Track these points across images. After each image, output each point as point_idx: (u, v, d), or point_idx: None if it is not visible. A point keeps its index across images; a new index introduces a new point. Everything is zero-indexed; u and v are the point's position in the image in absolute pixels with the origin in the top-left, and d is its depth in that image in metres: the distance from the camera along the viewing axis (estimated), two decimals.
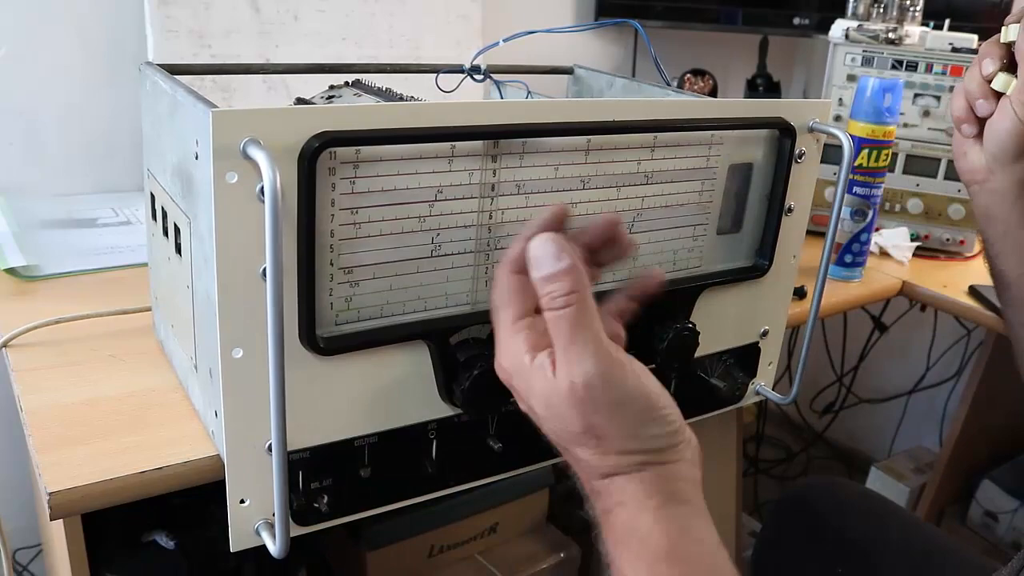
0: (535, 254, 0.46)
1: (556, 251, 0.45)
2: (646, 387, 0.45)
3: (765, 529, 0.96)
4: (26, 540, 1.17)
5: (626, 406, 0.44)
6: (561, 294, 0.44)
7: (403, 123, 0.50)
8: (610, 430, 0.44)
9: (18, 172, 1.07)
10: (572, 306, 0.44)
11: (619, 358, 0.45)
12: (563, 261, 0.45)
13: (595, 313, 0.45)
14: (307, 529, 0.55)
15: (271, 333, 0.45)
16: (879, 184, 1.03)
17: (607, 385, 0.44)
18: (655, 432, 0.45)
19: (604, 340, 0.45)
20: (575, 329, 0.44)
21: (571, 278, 0.45)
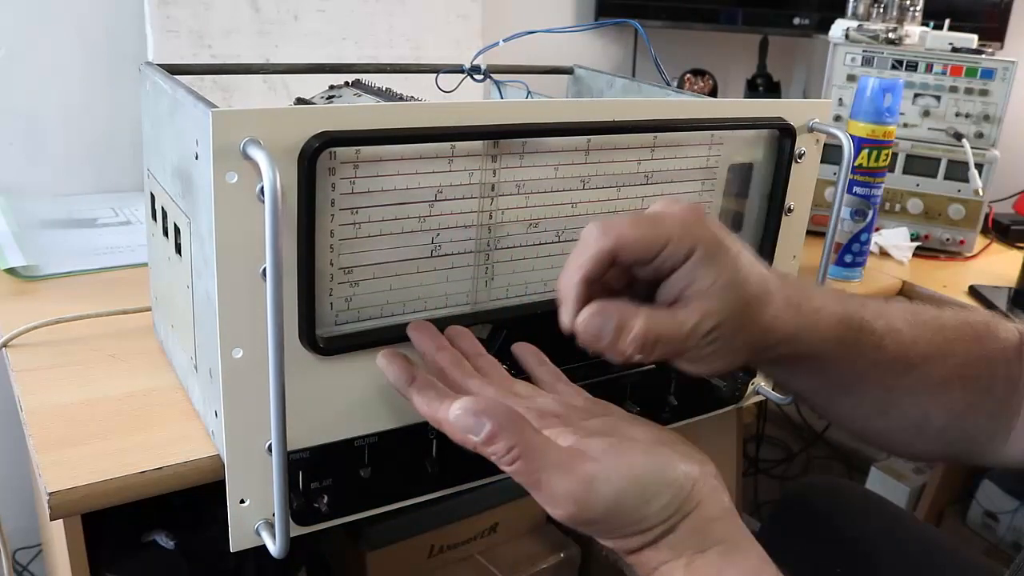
0: (458, 426, 0.43)
1: (472, 422, 0.43)
2: (630, 477, 0.43)
3: (765, 529, 0.96)
4: (26, 540, 1.17)
5: (618, 509, 0.43)
6: (500, 455, 0.42)
7: (403, 123, 0.50)
8: (615, 529, 0.44)
9: (18, 172, 1.07)
10: (517, 461, 0.42)
11: (587, 473, 0.42)
12: (484, 428, 0.42)
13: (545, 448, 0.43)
14: (307, 529, 0.55)
15: (271, 333, 0.45)
16: (879, 184, 1.03)
17: (587, 508, 0.43)
18: (660, 505, 0.43)
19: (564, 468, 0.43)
20: (530, 480, 0.43)
21: (502, 437, 0.42)
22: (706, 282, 0.46)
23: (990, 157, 1.18)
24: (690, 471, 0.44)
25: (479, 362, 0.53)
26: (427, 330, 0.53)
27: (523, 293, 0.60)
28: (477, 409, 0.43)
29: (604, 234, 0.45)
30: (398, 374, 0.49)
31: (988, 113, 1.19)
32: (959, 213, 1.19)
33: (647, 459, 0.44)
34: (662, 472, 0.43)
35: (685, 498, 0.43)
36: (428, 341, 0.53)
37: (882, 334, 0.55)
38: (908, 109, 1.21)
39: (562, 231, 0.60)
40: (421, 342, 0.53)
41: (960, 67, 1.19)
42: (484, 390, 0.50)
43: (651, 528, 0.43)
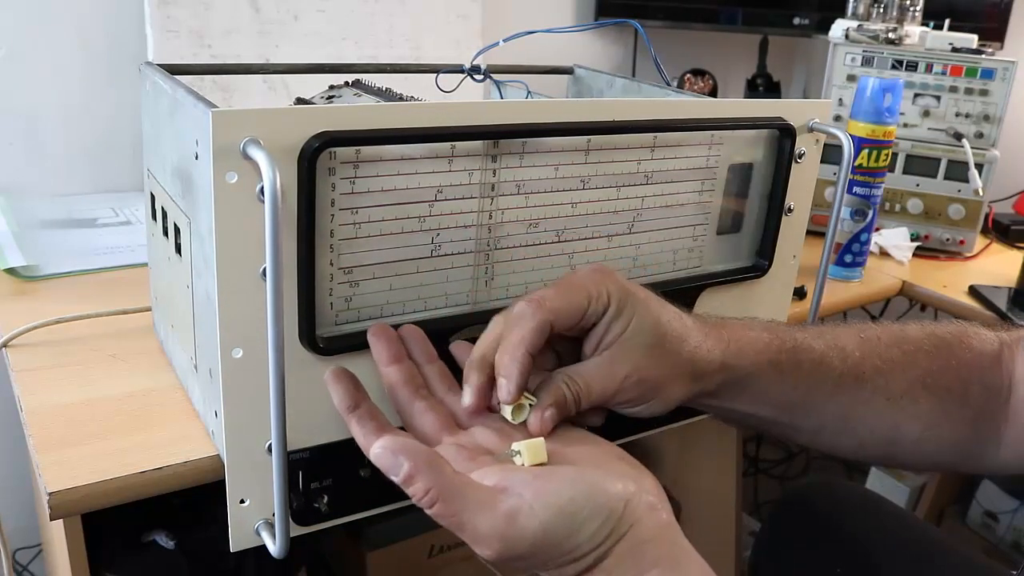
0: (378, 464, 0.44)
1: (391, 462, 0.43)
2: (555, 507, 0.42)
3: (765, 529, 0.96)
4: (26, 540, 1.17)
5: (546, 541, 0.42)
6: (419, 497, 0.43)
7: (403, 123, 0.50)
8: (547, 561, 0.43)
9: (18, 172, 1.07)
10: (436, 504, 0.42)
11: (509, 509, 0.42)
12: (402, 469, 0.43)
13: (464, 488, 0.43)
14: (307, 529, 0.55)
15: (271, 333, 0.45)
16: (879, 184, 1.03)
17: (512, 545, 0.42)
18: (591, 531, 0.42)
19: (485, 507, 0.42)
20: (452, 522, 0.43)
21: (419, 479, 0.42)
22: (616, 332, 0.50)
23: (990, 157, 1.18)
24: (622, 491, 0.43)
25: (428, 371, 0.53)
26: (384, 338, 0.52)
27: (523, 293, 0.60)
28: (396, 448, 0.43)
29: (539, 308, 0.48)
30: (341, 398, 0.49)
31: (988, 113, 1.19)
32: (959, 213, 1.19)
33: (574, 485, 0.43)
34: (590, 497, 0.43)
35: (618, 520, 0.43)
36: (383, 351, 0.52)
37: (823, 352, 0.56)
38: (908, 109, 1.21)
39: (562, 231, 0.60)
40: (376, 351, 0.52)
41: (960, 67, 1.19)
42: (424, 418, 0.50)
43: (584, 555, 0.43)
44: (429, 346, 0.54)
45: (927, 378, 0.58)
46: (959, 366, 0.59)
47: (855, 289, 1.05)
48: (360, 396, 0.49)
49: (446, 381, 0.53)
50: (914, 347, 0.58)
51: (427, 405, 0.50)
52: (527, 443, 0.46)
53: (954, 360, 0.59)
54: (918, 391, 0.57)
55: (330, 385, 0.49)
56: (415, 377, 0.52)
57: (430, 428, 0.49)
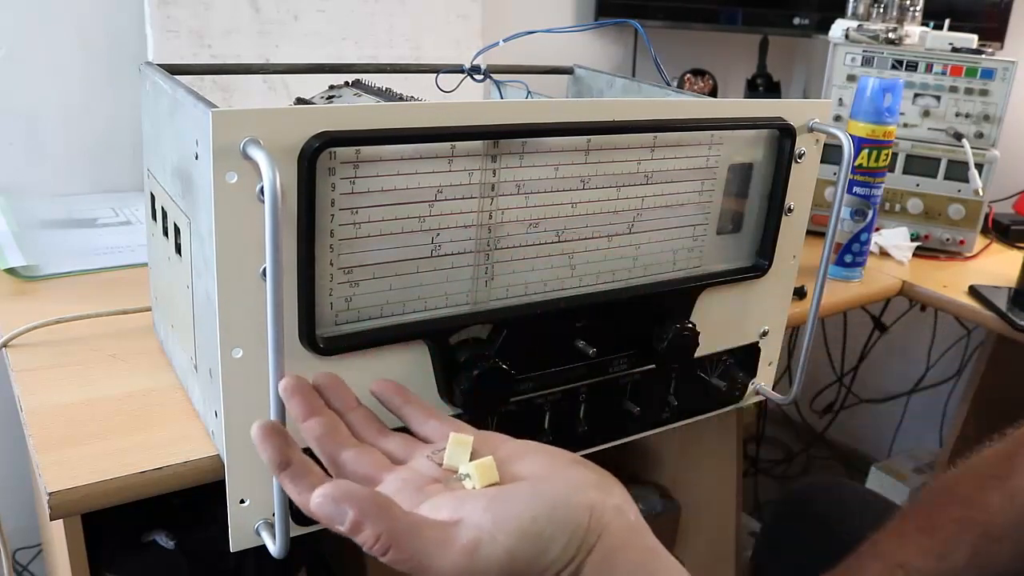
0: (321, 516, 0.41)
1: (334, 511, 0.40)
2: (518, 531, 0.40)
3: (765, 529, 0.96)
4: (26, 540, 1.17)
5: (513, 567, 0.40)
6: (371, 544, 0.40)
7: (403, 123, 0.50)
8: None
9: (18, 172, 1.07)
10: (389, 549, 0.39)
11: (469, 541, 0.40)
12: (347, 517, 0.39)
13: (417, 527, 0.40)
14: (307, 529, 0.55)
15: (271, 333, 0.45)
16: (879, 184, 1.03)
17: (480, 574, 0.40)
18: (559, 548, 0.40)
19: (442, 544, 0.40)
20: (409, 565, 0.40)
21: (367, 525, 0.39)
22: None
23: (990, 157, 1.18)
24: (584, 500, 0.42)
25: (351, 418, 0.50)
26: (300, 392, 0.47)
27: (523, 293, 0.60)
28: (337, 496, 0.40)
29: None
30: (271, 456, 0.43)
31: (988, 113, 1.19)
32: (959, 213, 1.19)
33: (534, 504, 0.41)
34: (552, 513, 0.41)
35: (585, 532, 0.41)
36: (298, 407, 0.47)
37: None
38: (908, 109, 1.21)
39: (562, 231, 0.60)
40: (292, 408, 0.47)
41: (960, 67, 1.19)
42: (358, 462, 0.46)
43: (559, 571, 0.41)
44: (349, 392, 0.51)
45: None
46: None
47: (855, 289, 1.05)
48: (291, 452, 0.44)
49: (374, 425, 0.50)
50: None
51: (358, 451, 0.47)
52: (475, 464, 0.44)
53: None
54: None
55: (257, 443, 0.44)
56: (338, 426, 0.48)
57: (368, 469, 0.46)
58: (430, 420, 0.50)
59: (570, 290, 0.62)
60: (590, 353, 0.62)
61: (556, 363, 0.62)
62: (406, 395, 0.52)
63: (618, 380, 0.67)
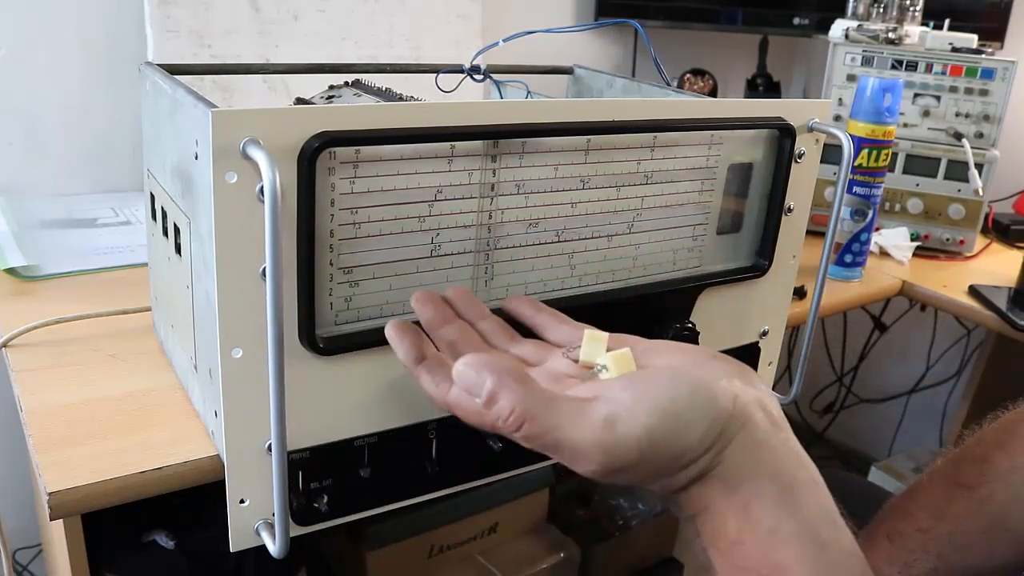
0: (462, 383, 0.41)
1: (474, 379, 0.40)
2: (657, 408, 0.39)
3: None
4: (26, 540, 1.17)
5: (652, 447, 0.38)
6: (506, 415, 0.39)
7: (403, 123, 0.50)
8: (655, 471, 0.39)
9: (18, 172, 1.07)
10: (524, 423, 0.39)
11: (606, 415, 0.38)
12: (484, 384, 0.39)
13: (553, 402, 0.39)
14: (307, 529, 0.55)
15: (271, 333, 0.45)
16: (879, 184, 1.03)
17: (617, 455, 0.38)
18: (700, 432, 0.38)
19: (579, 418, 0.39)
20: (546, 441, 0.39)
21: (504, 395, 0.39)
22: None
23: (990, 157, 1.18)
24: (728, 387, 0.40)
25: (483, 327, 0.50)
26: (431, 302, 0.50)
27: (523, 293, 0.60)
28: (478, 364, 0.40)
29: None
30: (408, 350, 0.45)
31: (988, 113, 1.19)
32: (959, 213, 1.19)
33: (674, 384, 0.39)
34: (694, 395, 0.39)
35: (728, 419, 0.39)
36: (433, 314, 0.49)
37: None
38: (908, 109, 1.21)
39: (562, 231, 0.60)
40: (425, 315, 0.49)
41: (960, 67, 1.19)
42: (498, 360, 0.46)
43: (694, 461, 0.39)
44: (479, 304, 0.51)
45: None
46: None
47: (855, 289, 1.05)
48: (426, 347, 0.45)
49: (506, 333, 0.50)
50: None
51: (492, 353, 0.47)
52: (612, 355, 0.43)
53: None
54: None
55: (393, 340, 0.45)
56: (471, 333, 0.49)
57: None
58: (562, 326, 0.50)
59: (570, 290, 0.62)
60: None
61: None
62: (537, 305, 0.52)
63: None
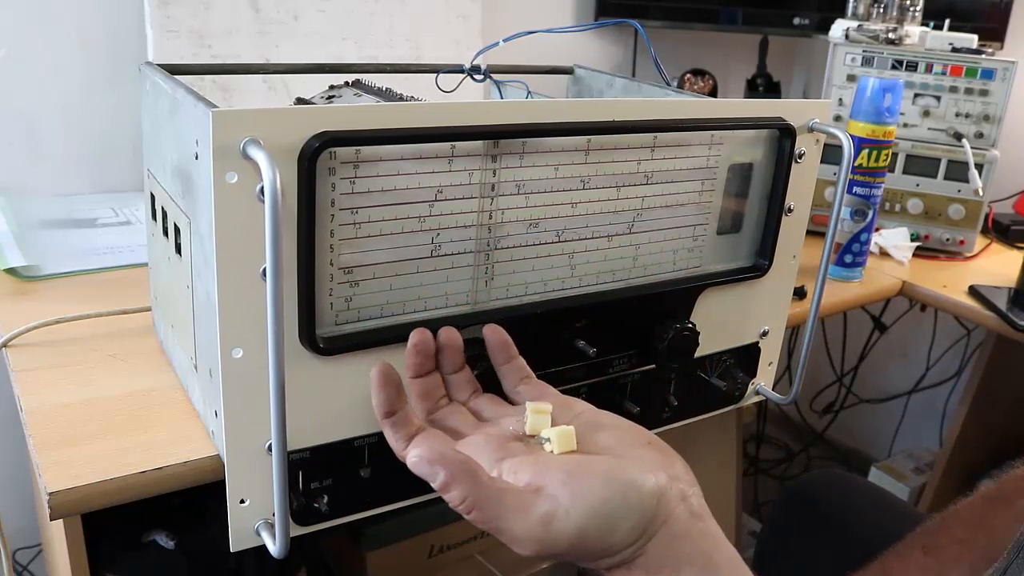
0: (415, 471, 0.45)
1: (428, 471, 0.45)
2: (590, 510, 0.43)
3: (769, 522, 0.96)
4: (26, 540, 1.17)
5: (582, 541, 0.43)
6: (457, 503, 0.44)
7: (403, 123, 0.50)
8: (583, 558, 0.44)
9: (18, 172, 1.07)
10: (473, 510, 0.43)
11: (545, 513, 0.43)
12: (438, 477, 0.44)
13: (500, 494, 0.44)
14: (307, 529, 0.55)
15: (271, 333, 0.45)
16: (879, 184, 1.03)
17: (550, 546, 0.43)
18: (626, 530, 0.43)
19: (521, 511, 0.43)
20: (489, 527, 0.44)
21: (455, 487, 0.43)
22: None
23: (990, 157, 1.18)
24: (654, 487, 0.44)
25: (453, 380, 0.54)
26: (422, 352, 0.53)
27: (523, 293, 0.60)
28: (431, 458, 0.45)
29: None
30: (380, 404, 0.49)
31: (988, 113, 1.19)
32: (959, 213, 1.19)
33: (608, 485, 0.44)
34: (624, 497, 0.43)
35: (651, 518, 0.43)
36: (415, 362, 0.52)
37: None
38: (908, 109, 1.21)
39: (562, 231, 0.60)
40: (409, 359, 0.53)
41: (960, 67, 1.19)
42: (449, 419, 0.52)
43: (619, 552, 0.44)
44: (460, 358, 0.54)
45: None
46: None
47: (855, 289, 1.05)
48: (398, 402, 0.49)
49: (469, 387, 0.55)
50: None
51: (450, 409, 0.53)
52: (556, 431, 0.47)
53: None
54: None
55: (373, 387, 0.49)
56: (438, 388, 0.53)
57: (456, 424, 0.51)
58: (519, 385, 0.54)
59: (570, 290, 0.62)
60: (590, 353, 0.62)
61: (556, 363, 0.62)
62: (508, 353, 0.55)
63: (618, 380, 0.67)
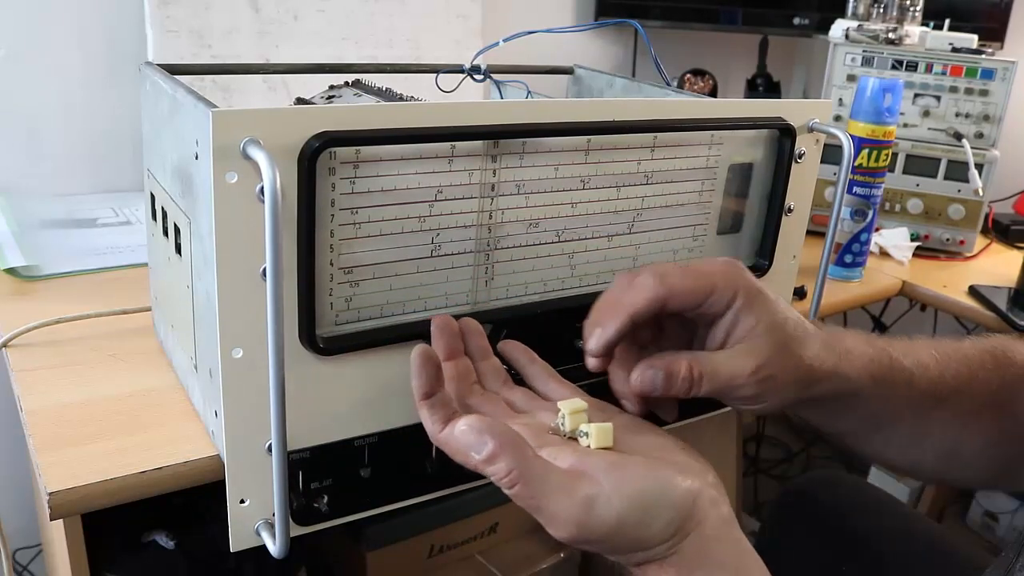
0: (464, 441, 0.45)
1: (476, 440, 0.44)
2: (631, 497, 0.43)
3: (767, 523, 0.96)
4: (26, 540, 1.17)
5: (619, 529, 0.43)
6: (500, 477, 0.43)
7: (403, 123, 0.50)
8: (618, 548, 0.44)
9: (18, 172, 1.07)
10: (517, 484, 0.43)
11: (587, 495, 0.43)
12: (486, 448, 0.43)
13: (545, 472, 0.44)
14: (307, 529, 0.55)
15: (271, 333, 0.45)
16: (879, 184, 1.03)
17: (588, 530, 0.43)
18: (662, 524, 0.43)
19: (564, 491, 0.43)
20: (531, 503, 0.44)
21: (502, 459, 0.43)
22: (748, 325, 0.51)
23: (990, 157, 1.18)
24: (691, 487, 0.44)
25: (482, 367, 0.54)
26: (448, 333, 0.53)
27: (523, 293, 0.60)
28: (481, 427, 0.44)
29: (660, 283, 0.49)
30: (421, 385, 0.48)
31: (988, 113, 1.19)
32: (959, 213, 1.19)
33: (648, 478, 0.44)
34: (663, 492, 0.44)
35: (686, 517, 0.44)
36: (446, 345, 0.53)
37: (911, 370, 0.56)
38: (908, 109, 1.21)
39: (562, 231, 0.60)
40: (436, 343, 0.53)
41: (960, 67, 1.19)
42: (484, 406, 0.51)
43: (653, 547, 0.44)
44: (486, 343, 0.55)
45: (989, 397, 0.58)
46: (1009, 383, 0.59)
47: (855, 289, 1.05)
48: (437, 384, 0.48)
49: (500, 377, 0.54)
50: (977, 365, 0.59)
51: (484, 396, 0.52)
52: (596, 427, 0.47)
53: (1004, 377, 0.59)
54: (983, 410, 0.58)
55: (414, 366, 0.48)
56: (470, 373, 0.53)
57: (492, 414, 0.50)
58: (550, 382, 0.54)
59: (570, 290, 0.62)
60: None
61: (556, 363, 0.62)
62: (531, 355, 0.55)
63: None
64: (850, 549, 0.80)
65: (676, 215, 0.65)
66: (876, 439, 0.58)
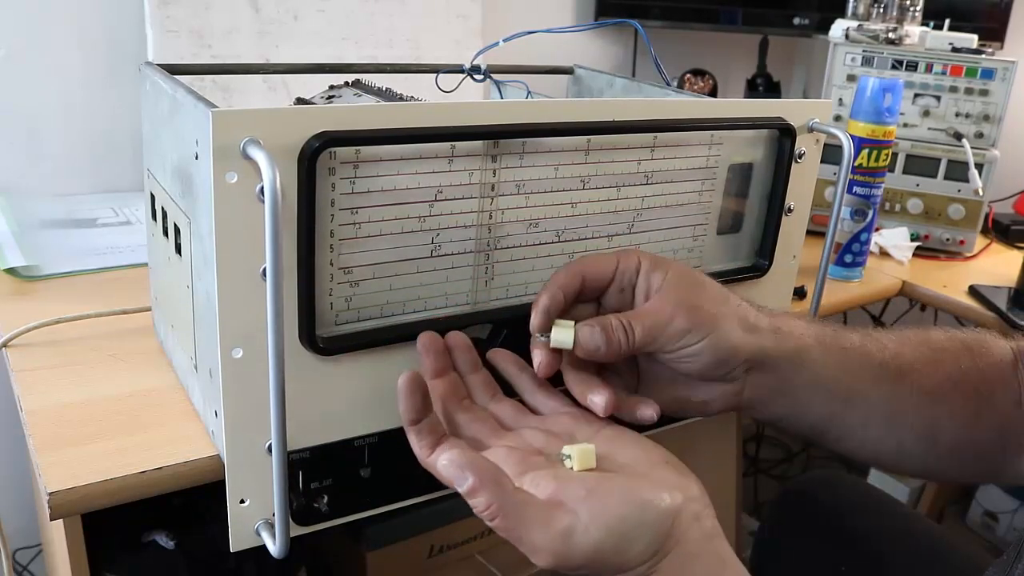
0: (446, 475, 0.46)
1: (457, 475, 0.46)
2: (608, 526, 0.44)
3: (767, 523, 0.96)
4: (26, 540, 1.17)
5: (597, 556, 0.44)
6: (481, 509, 0.45)
7: (403, 123, 0.50)
8: (599, 572, 0.45)
9: (18, 172, 1.07)
10: (496, 518, 0.45)
11: (564, 527, 0.44)
12: (466, 482, 0.45)
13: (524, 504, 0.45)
14: (307, 529, 0.55)
15: (271, 333, 0.45)
16: (879, 184, 1.03)
17: (566, 559, 0.44)
18: (640, 548, 0.45)
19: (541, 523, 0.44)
20: (510, 535, 0.45)
21: (482, 494, 0.45)
22: (659, 278, 0.54)
23: (990, 157, 1.18)
24: (670, 506, 0.45)
25: (471, 381, 0.55)
26: (433, 350, 0.54)
27: (523, 293, 0.60)
28: (462, 463, 0.45)
29: (572, 265, 0.54)
30: (407, 410, 0.49)
31: (988, 113, 1.19)
32: (959, 213, 1.19)
33: (626, 504, 0.45)
34: (642, 515, 0.45)
35: (665, 537, 0.45)
36: (430, 364, 0.53)
37: (861, 340, 0.58)
38: (908, 109, 1.21)
39: (562, 231, 0.60)
40: (424, 363, 0.53)
41: (960, 67, 1.19)
42: (471, 426, 0.52)
43: (634, 568, 0.45)
44: (474, 355, 0.55)
45: (956, 377, 0.59)
46: (983, 370, 0.60)
47: (855, 289, 1.05)
48: (424, 410, 0.49)
49: (489, 389, 0.55)
50: (941, 347, 0.60)
51: (472, 415, 0.53)
52: (577, 449, 0.48)
53: (978, 364, 0.60)
54: (948, 390, 0.59)
55: (400, 394, 0.49)
56: (459, 389, 0.54)
57: (479, 434, 0.52)
58: (538, 393, 0.55)
59: None
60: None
61: None
62: (520, 364, 0.56)
63: None
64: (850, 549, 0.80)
65: (676, 215, 0.65)
66: (853, 418, 0.59)
